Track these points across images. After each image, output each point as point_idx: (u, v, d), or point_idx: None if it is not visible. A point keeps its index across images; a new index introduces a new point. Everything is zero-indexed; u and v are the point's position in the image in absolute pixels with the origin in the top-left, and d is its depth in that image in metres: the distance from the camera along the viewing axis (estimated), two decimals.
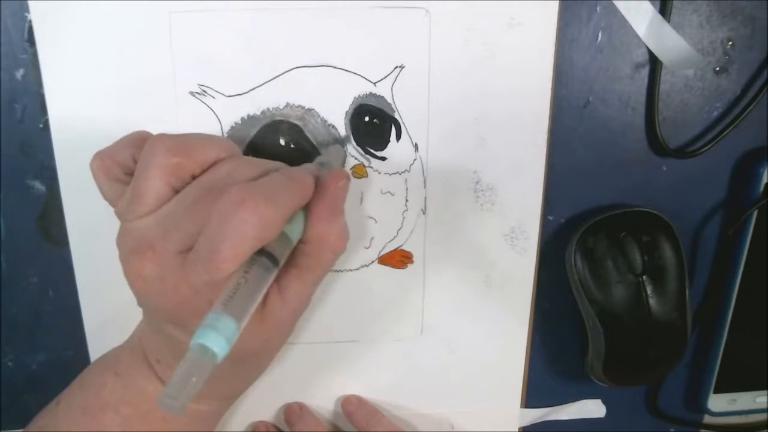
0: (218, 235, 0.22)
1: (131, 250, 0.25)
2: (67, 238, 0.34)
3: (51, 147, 0.32)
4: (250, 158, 0.27)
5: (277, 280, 0.26)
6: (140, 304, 0.28)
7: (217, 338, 0.21)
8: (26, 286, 0.35)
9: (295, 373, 0.38)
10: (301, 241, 0.26)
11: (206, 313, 0.22)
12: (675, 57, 0.33)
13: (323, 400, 0.39)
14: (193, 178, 0.26)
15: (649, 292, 0.36)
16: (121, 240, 0.26)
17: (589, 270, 0.36)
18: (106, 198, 0.28)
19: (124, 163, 0.27)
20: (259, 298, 0.24)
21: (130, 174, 0.27)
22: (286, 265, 0.26)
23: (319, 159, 0.31)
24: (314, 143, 0.33)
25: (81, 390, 0.30)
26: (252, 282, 0.23)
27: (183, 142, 0.26)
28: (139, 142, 0.27)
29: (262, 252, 0.24)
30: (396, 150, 0.34)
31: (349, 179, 0.27)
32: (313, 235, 0.26)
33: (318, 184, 0.27)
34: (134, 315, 0.33)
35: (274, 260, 0.24)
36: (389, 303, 0.37)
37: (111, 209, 0.33)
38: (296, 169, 0.27)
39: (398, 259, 0.36)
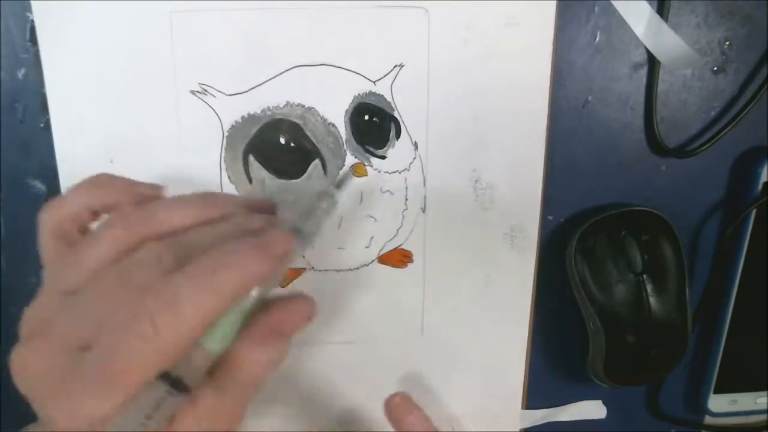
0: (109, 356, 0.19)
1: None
2: None
3: (52, 147, 0.32)
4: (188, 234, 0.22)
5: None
6: None
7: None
8: (26, 286, 0.35)
9: (294, 373, 0.38)
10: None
11: None
12: (673, 57, 0.33)
13: (323, 401, 0.39)
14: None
15: (649, 291, 0.36)
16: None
17: (589, 269, 0.36)
18: (42, 256, 0.24)
19: (78, 216, 0.23)
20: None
21: (83, 232, 0.24)
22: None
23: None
24: (314, 142, 0.33)
25: None
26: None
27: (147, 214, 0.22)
28: (96, 189, 0.24)
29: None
30: (396, 149, 0.34)
31: (315, 312, 0.22)
32: (236, 354, 0.21)
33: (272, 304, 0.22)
34: None
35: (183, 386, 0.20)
36: (389, 303, 0.37)
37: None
38: (237, 253, 0.20)
39: (398, 258, 0.36)
